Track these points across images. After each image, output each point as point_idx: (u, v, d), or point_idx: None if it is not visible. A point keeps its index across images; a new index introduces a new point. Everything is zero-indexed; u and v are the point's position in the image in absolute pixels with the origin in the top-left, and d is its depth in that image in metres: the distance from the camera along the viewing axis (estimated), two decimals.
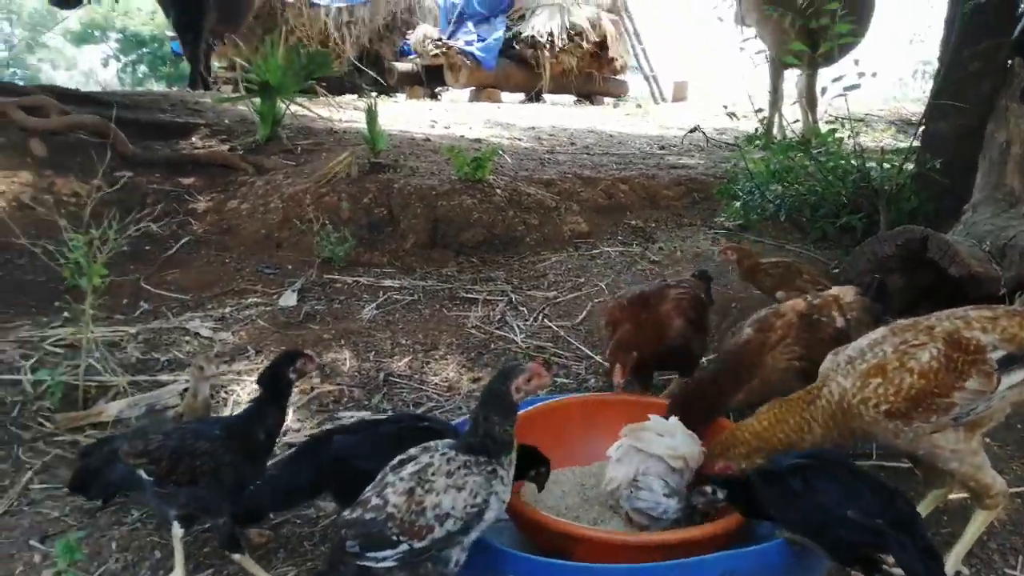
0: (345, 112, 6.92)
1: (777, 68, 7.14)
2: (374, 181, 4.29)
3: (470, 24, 13.39)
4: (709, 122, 9.32)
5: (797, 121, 5.72)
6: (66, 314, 2.73)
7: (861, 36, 7.18)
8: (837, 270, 3.48)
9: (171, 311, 3.27)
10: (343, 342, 2.97)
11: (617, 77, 14.76)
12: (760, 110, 4.58)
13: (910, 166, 4.00)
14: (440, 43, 13.13)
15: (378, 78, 14.51)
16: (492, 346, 2.96)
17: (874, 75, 3.90)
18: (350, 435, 1.80)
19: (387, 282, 3.65)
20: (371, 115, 4.50)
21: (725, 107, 5.30)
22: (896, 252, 2.95)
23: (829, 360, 1.69)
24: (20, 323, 3.00)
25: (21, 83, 9.06)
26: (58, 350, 2.72)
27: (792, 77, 7.40)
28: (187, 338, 2.95)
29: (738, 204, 4.03)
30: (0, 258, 3.53)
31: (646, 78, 14.38)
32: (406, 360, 2.85)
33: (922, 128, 4.03)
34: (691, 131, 8.55)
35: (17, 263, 3.51)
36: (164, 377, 2.62)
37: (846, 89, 4.07)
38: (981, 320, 1.58)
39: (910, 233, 2.93)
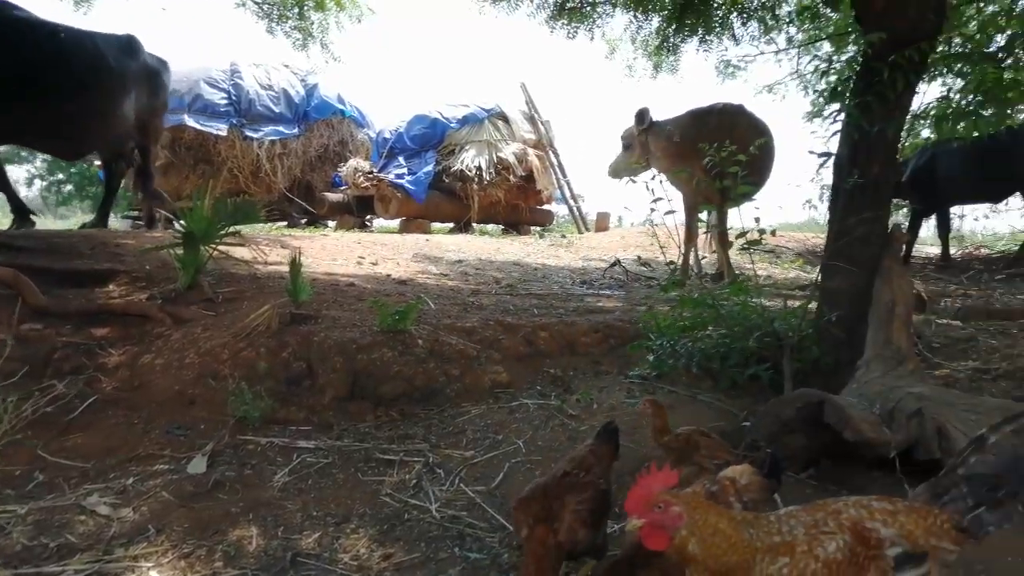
0: (272, 251, 6.96)
1: (690, 210, 7.58)
2: (294, 334, 4.29)
3: (401, 158, 13.85)
4: (630, 252, 9.73)
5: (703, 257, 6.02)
6: None
7: (762, 185, 7.77)
8: (747, 423, 3.59)
9: (68, 483, 3.11)
10: (251, 516, 2.87)
11: (543, 208, 15.33)
12: (671, 262, 4.80)
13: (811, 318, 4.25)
14: (372, 175, 13.50)
15: (308, 207, 14.71)
16: (406, 516, 2.91)
17: (780, 207, 4.19)
18: None
19: (302, 442, 3.58)
20: (294, 267, 4.55)
21: (639, 258, 5.55)
22: (797, 414, 3.09)
23: (740, 519, 1.72)
24: None
25: None
26: None
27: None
28: (82, 517, 2.81)
29: (651, 357, 4.16)
30: None
31: (570, 209, 14.98)
32: (316, 536, 2.76)
33: (819, 284, 4.30)
34: (611, 266, 8.91)
35: None
36: (51, 568, 2.46)
37: (750, 243, 4.35)
38: (883, 512, 1.63)
39: (808, 397, 3.09)
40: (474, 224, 14.28)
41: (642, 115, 7.96)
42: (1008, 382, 3.97)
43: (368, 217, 15.56)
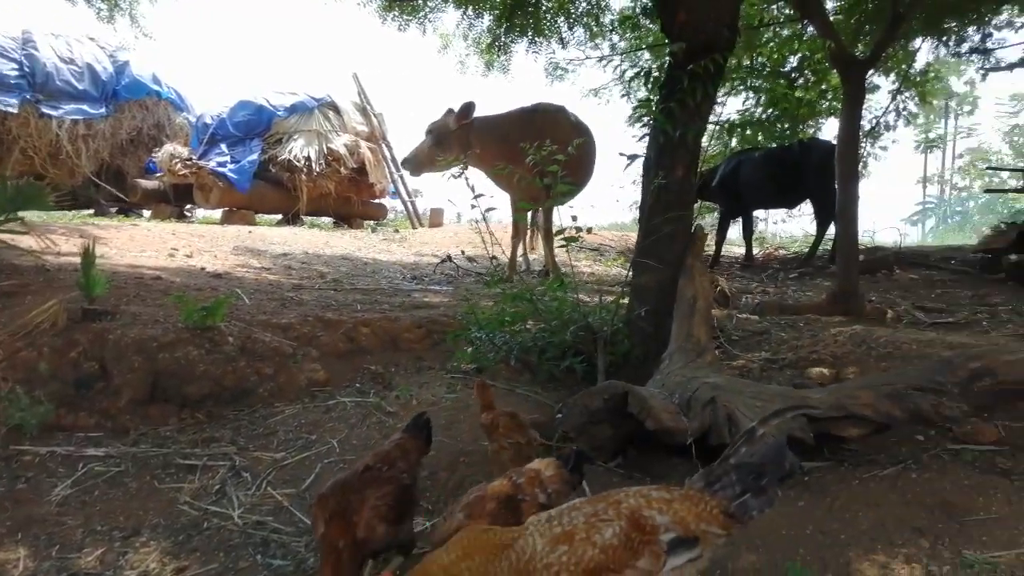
0: (69, 241, 6.32)
1: (515, 208, 7.72)
2: (86, 331, 3.90)
3: (223, 145, 13.10)
4: (464, 248, 9.77)
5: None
6: None
7: (583, 185, 8.06)
8: (560, 415, 3.70)
9: None
10: (20, 535, 2.58)
11: (376, 201, 15.08)
12: (494, 257, 4.86)
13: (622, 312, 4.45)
14: (190, 163, 12.65)
15: (118, 194, 13.58)
16: (205, 525, 2.73)
17: (592, 206, 4.35)
18: None
19: (91, 450, 3.27)
20: (87, 259, 4.14)
21: (463, 252, 5.57)
22: (604, 405, 3.21)
23: (532, 519, 1.75)
24: None
25: None
26: None
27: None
28: None
29: (469, 350, 4.18)
30: None
31: (404, 204, 14.84)
32: (99, 552, 2.52)
33: (630, 280, 4.51)
34: (443, 262, 8.91)
35: None
36: None
37: (567, 240, 4.48)
38: (659, 501, 1.73)
39: (614, 388, 3.22)
40: (303, 217, 13.79)
41: (468, 109, 7.83)
42: (792, 371, 4.37)
43: (188, 207, 14.60)
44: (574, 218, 4.59)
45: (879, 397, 2.96)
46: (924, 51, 10.91)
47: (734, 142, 11.40)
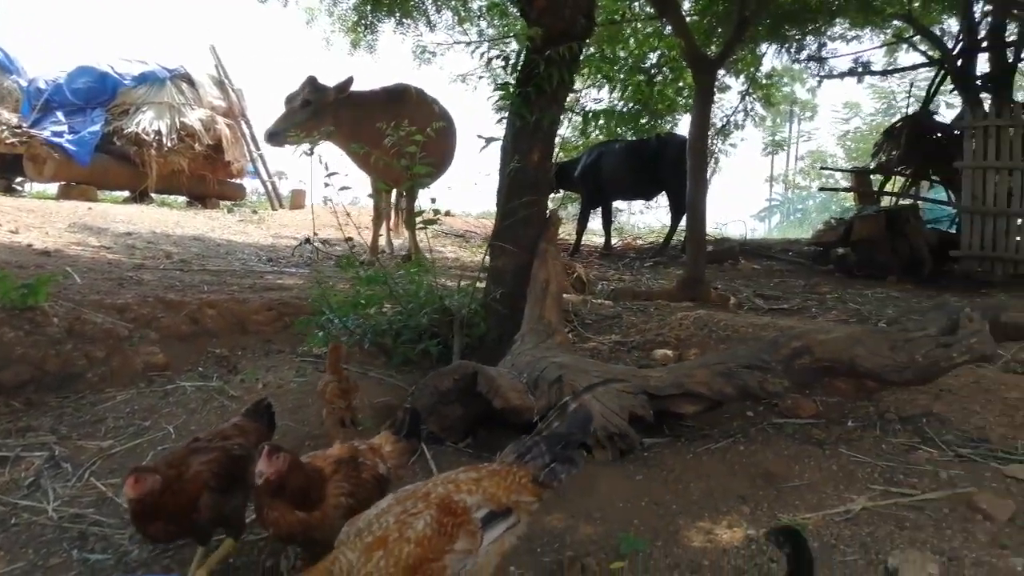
0: None
1: (377, 191, 7.58)
2: None
3: (60, 113, 12.06)
4: (325, 232, 9.51)
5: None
6: None
7: (444, 169, 8.03)
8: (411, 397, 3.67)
9: None
10: None
11: (233, 181, 14.40)
12: (349, 238, 4.74)
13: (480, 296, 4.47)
14: (20, 131, 11.55)
15: None
16: (13, 521, 2.50)
17: (449, 187, 4.32)
18: None
19: None
20: None
21: (315, 234, 5.40)
22: (454, 385, 3.21)
23: (344, 530, 1.71)
24: None
25: None
26: None
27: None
28: None
29: (321, 333, 4.07)
30: None
31: (264, 184, 14.25)
32: None
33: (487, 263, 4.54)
34: (302, 243, 8.63)
35: None
36: None
37: (425, 222, 4.44)
38: (468, 483, 1.75)
39: (464, 368, 3.23)
40: (152, 195, 12.92)
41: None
42: (639, 352, 4.56)
43: (18, 180, 13.32)
44: (433, 200, 4.56)
45: (713, 375, 3.13)
46: (770, 56, 11.64)
47: (596, 133, 11.74)
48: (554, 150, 4.41)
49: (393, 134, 4.53)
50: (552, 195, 11.56)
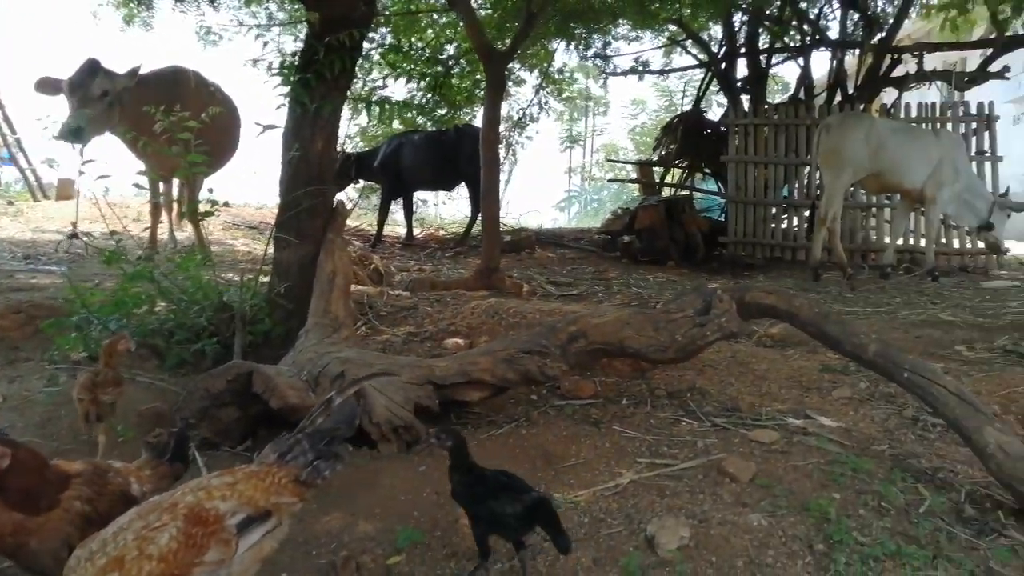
0: None
1: (153, 182, 7.02)
2: None
3: None
4: (98, 227, 8.61)
5: None
6: None
7: (225, 159, 7.58)
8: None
9: None
10: None
11: None
12: (114, 232, 4.32)
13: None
14: None
15: None
16: None
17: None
18: None
19: None
20: None
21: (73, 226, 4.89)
22: (228, 387, 3.03)
23: (75, 554, 1.54)
24: None
25: None
26: None
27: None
28: None
29: (74, 335, 3.67)
30: None
31: (23, 172, 12.68)
32: None
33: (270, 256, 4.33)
34: (68, 238, 7.78)
35: None
36: None
37: (202, 214, 4.15)
38: (222, 488, 1.64)
39: (238, 368, 3.06)
40: None
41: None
42: (432, 342, 4.57)
43: None
44: (210, 191, 4.29)
45: (496, 362, 3.19)
46: (561, 52, 12.16)
47: (396, 123, 11.64)
48: (338, 139, 4.28)
49: (164, 119, 4.19)
50: (353, 185, 11.34)
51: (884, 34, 10.02)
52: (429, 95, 11.02)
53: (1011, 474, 2.29)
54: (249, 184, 17.82)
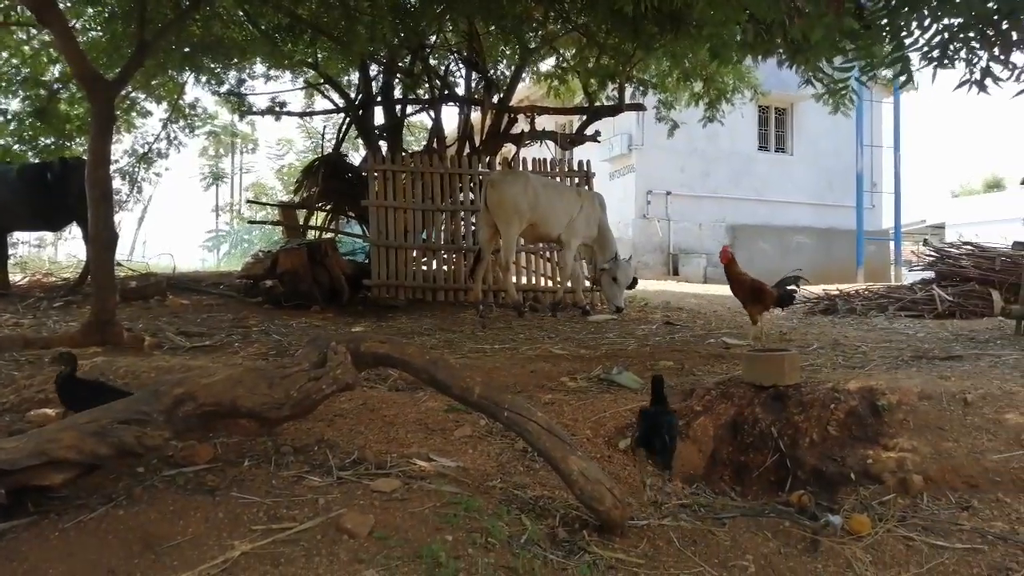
0: None
1: None
2: None
3: None
4: None
5: None
6: None
7: None
8: None
9: None
10: None
11: None
12: None
13: None
14: None
15: None
16: None
17: None
18: None
19: None
20: None
21: None
22: None
23: None
24: None
25: None
26: None
27: None
28: None
29: None
30: None
31: None
32: None
33: None
34: None
35: None
36: None
37: None
38: None
39: None
40: None
41: None
42: (13, 414, 3.85)
43: None
44: None
45: (83, 436, 2.75)
46: (192, 86, 11.40)
47: None
48: None
49: None
50: None
51: (502, 95, 11.15)
52: (28, 121, 9.53)
53: (591, 495, 2.58)
54: None
